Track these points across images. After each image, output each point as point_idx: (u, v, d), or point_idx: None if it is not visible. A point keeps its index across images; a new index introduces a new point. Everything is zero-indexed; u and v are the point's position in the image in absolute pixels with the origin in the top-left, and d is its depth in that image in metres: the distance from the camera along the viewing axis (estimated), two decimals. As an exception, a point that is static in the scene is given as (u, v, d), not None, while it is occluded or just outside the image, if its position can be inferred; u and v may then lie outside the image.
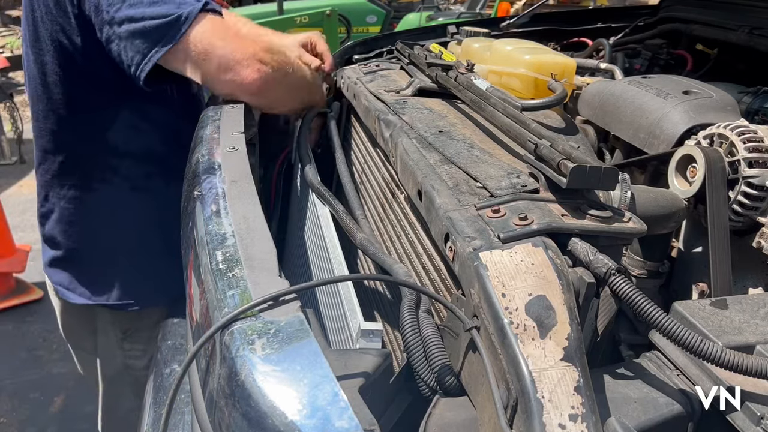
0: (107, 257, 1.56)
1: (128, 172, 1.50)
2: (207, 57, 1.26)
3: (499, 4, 8.97)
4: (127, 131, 1.47)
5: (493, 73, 1.41)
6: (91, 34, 1.32)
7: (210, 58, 1.26)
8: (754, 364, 0.66)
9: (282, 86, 1.37)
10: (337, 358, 0.74)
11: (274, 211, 1.73)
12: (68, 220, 1.53)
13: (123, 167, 1.50)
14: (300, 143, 1.48)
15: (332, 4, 5.59)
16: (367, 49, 1.98)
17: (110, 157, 1.48)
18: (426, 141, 1.08)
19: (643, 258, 1.08)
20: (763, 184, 1.02)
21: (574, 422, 0.62)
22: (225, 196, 0.95)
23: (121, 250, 1.55)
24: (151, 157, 1.52)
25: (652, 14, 2.10)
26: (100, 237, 1.54)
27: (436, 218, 0.88)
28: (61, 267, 1.59)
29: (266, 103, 1.41)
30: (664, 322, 0.69)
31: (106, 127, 1.46)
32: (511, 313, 0.70)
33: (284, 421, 0.56)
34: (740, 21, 1.69)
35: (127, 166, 1.50)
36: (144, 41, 1.24)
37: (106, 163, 1.49)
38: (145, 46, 1.24)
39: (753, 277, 1.09)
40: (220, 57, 1.26)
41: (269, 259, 0.78)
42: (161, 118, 1.51)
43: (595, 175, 0.83)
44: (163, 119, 1.51)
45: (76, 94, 1.43)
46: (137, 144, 1.49)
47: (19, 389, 2.86)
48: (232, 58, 1.26)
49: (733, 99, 1.26)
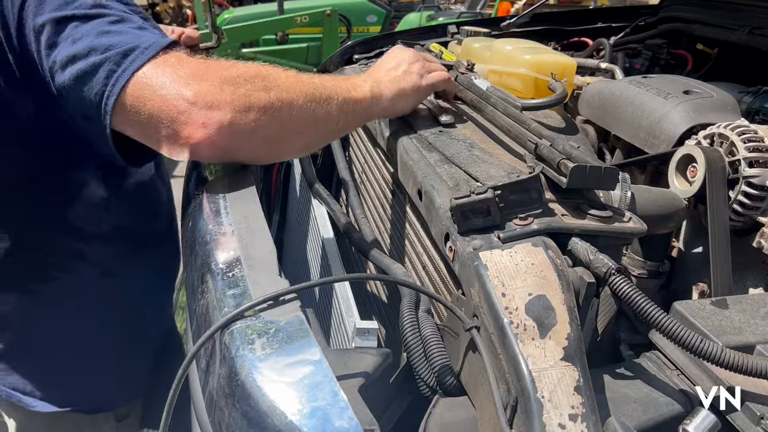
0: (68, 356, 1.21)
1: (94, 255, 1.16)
2: (141, 113, 0.86)
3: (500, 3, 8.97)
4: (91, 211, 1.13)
5: (494, 73, 1.41)
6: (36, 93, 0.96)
7: (145, 114, 0.86)
8: (754, 364, 0.66)
9: (267, 128, 0.89)
10: (336, 358, 0.74)
11: (274, 211, 1.73)
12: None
13: (89, 252, 1.16)
14: None
15: (332, 4, 5.59)
16: (367, 49, 1.97)
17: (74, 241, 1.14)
18: (426, 141, 1.08)
19: (643, 258, 1.08)
20: (763, 184, 1.02)
21: (574, 422, 0.63)
22: (225, 196, 0.96)
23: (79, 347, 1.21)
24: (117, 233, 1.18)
25: (652, 14, 2.10)
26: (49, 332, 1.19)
27: (436, 218, 0.88)
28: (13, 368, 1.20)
29: (253, 158, 0.98)
30: (664, 322, 0.69)
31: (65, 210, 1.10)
32: (511, 312, 0.70)
33: (284, 421, 0.56)
34: (740, 21, 1.69)
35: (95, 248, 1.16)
36: (92, 87, 0.87)
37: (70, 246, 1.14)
38: (94, 92, 0.87)
39: (753, 277, 1.09)
40: (151, 113, 0.85)
41: (269, 258, 0.78)
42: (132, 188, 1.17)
43: (595, 175, 0.83)
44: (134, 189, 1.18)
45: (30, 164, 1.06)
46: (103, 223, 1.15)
47: (19, 389, 2.86)
48: (166, 114, 0.84)
49: (733, 99, 1.26)
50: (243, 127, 0.86)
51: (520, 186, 0.83)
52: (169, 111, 0.85)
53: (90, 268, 1.16)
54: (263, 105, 0.87)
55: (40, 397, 1.22)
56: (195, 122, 0.84)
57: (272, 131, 0.90)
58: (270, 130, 0.90)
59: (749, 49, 1.66)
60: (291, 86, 0.93)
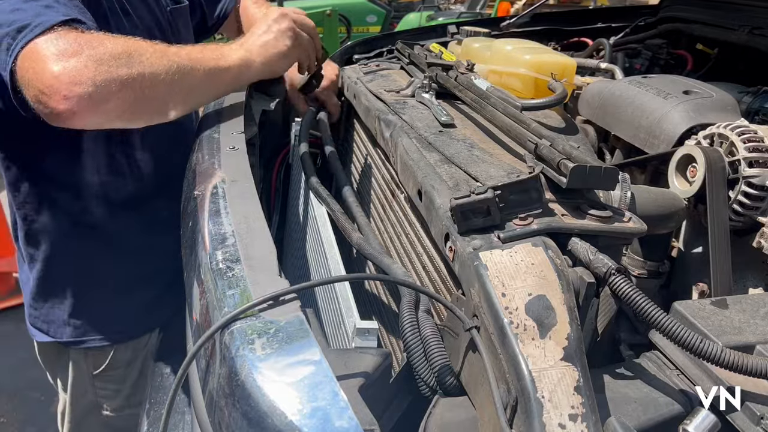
0: (61, 291, 1.40)
1: (70, 204, 1.33)
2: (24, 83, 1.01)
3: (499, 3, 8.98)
4: (61, 161, 1.29)
5: (494, 73, 1.41)
6: None
7: (25, 84, 1.00)
8: (754, 364, 0.66)
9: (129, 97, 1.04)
10: (336, 358, 0.74)
11: (274, 211, 1.73)
12: (25, 250, 1.40)
13: (62, 199, 1.33)
14: (299, 142, 1.46)
15: (332, 4, 5.59)
16: (367, 49, 1.97)
17: (50, 188, 1.32)
18: (426, 141, 1.08)
19: (643, 258, 1.08)
20: (763, 184, 1.02)
21: (574, 422, 0.63)
22: (225, 196, 0.96)
23: (73, 284, 1.40)
24: (88, 188, 1.33)
25: (652, 14, 2.10)
26: (52, 270, 1.39)
27: (436, 218, 0.88)
28: (25, 300, 1.47)
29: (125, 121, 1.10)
30: (664, 322, 0.69)
31: (39, 157, 1.28)
32: (511, 312, 0.70)
33: (284, 421, 0.56)
34: (740, 21, 1.69)
35: (66, 198, 1.33)
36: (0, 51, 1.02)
37: (47, 195, 1.33)
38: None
39: (753, 277, 1.09)
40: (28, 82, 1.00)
41: (269, 258, 0.78)
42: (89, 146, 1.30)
43: (595, 175, 0.83)
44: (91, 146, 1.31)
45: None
46: (73, 175, 1.31)
47: (19, 389, 2.86)
48: (36, 86, 0.99)
49: (733, 99, 1.26)
50: (102, 98, 1.01)
51: (520, 186, 0.83)
52: (39, 84, 0.99)
53: (63, 215, 1.33)
54: (123, 79, 1.02)
55: (40, 328, 1.44)
56: (58, 94, 0.98)
57: (132, 101, 1.05)
58: (129, 100, 1.04)
59: (749, 49, 1.66)
60: (155, 61, 1.07)
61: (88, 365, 1.47)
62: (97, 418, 1.54)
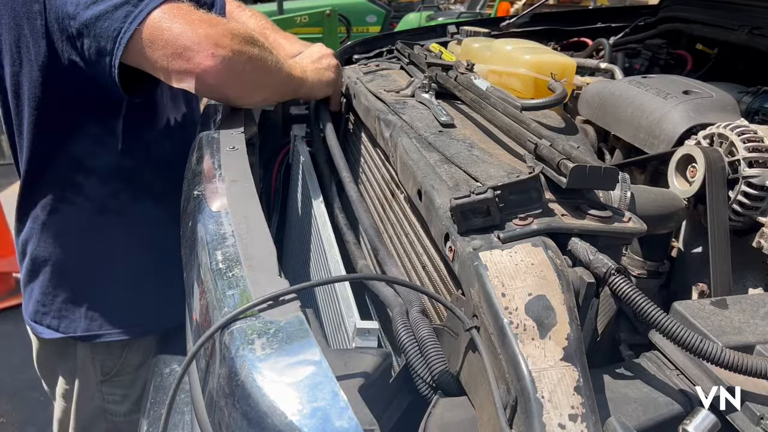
0: (77, 284, 1.41)
1: (93, 190, 1.36)
2: (157, 43, 1.09)
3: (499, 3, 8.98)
4: (92, 146, 1.33)
5: (493, 73, 1.41)
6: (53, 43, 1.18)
7: (161, 44, 1.09)
8: (754, 364, 0.66)
9: (249, 74, 1.18)
10: (336, 358, 0.74)
11: (274, 211, 1.73)
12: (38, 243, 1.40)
13: (87, 186, 1.35)
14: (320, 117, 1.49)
15: (332, 4, 5.59)
16: (367, 49, 1.97)
17: (74, 174, 1.34)
18: (426, 141, 1.08)
19: (643, 258, 1.08)
20: (763, 184, 1.02)
21: (573, 422, 0.63)
22: (225, 196, 0.95)
23: (90, 276, 1.41)
24: (118, 174, 1.37)
25: (652, 14, 2.10)
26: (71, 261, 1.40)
27: (436, 218, 0.88)
28: (30, 297, 1.46)
29: (234, 96, 1.23)
30: (664, 322, 0.69)
31: (68, 141, 1.32)
32: (510, 313, 0.70)
33: (284, 421, 0.56)
34: (740, 21, 1.69)
35: (91, 184, 1.35)
36: (111, 24, 1.09)
37: (71, 181, 1.35)
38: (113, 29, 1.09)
39: (753, 277, 1.10)
40: (167, 41, 1.09)
41: (269, 258, 0.78)
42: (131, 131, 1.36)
43: (595, 175, 0.83)
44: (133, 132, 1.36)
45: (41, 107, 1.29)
46: (102, 160, 1.35)
47: (19, 389, 2.86)
48: (182, 43, 1.09)
49: (733, 99, 1.26)
50: (237, 66, 1.13)
51: (520, 186, 0.83)
52: (184, 41, 1.09)
53: (87, 202, 1.35)
54: (252, 56, 1.16)
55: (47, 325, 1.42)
56: (206, 52, 1.09)
57: (252, 77, 1.19)
58: (251, 76, 1.18)
59: (749, 49, 1.66)
60: (266, 49, 1.21)
61: (96, 369, 1.46)
62: (104, 425, 1.52)
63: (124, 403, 1.52)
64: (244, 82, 1.18)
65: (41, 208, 1.36)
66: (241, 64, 1.14)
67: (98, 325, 1.41)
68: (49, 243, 1.38)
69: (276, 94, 1.33)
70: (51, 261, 1.39)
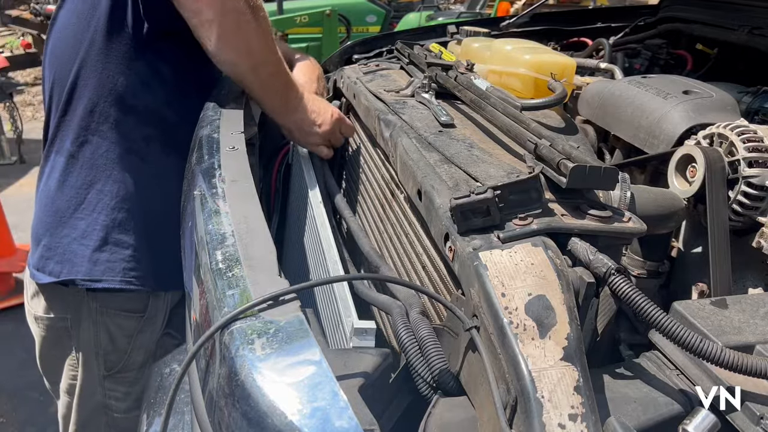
0: (87, 225, 1.37)
1: (129, 130, 1.37)
2: None
3: (499, 3, 8.97)
4: (138, 85, 1.36)
5: (493, 73, 1.41)
6: None
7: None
8: (754, 364, 0.66)
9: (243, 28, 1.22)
10: (336, 358, 0.74)
11: (274, 211, 1.73)
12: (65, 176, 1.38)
13: (124, 124, 1.36)
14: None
15: (332, 4, 5.59)
16: (367, 49, 1.98)
17: (114, 109, 1.35)
18: (426, 141, 1.08)
19: (643, 258, 1.08)
20: (763, 184, 1.02)
21: (573, 422, 0.63)
22: (225, 196, 0.95)
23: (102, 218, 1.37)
24: (156, 122, 1.39)
25: (652, 14, 2.10)
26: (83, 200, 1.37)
27: (436, 218, 0.88)
28: (38, 245, 1.41)
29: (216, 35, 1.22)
30: (663, 321, 0.69)
31: (119, 76, 1.34)
32: (510, 312, 0.70)
33: (284, 421, 0.56)
34: (740, 21, 1.69)
35: (129, 122, 1.36)
36: None
37: (109, 114, 1.35)
38: None
39: (753, 277, 1.09)
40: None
41: (269, 258, 0.78)
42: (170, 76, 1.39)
43: (595, 175, 0.83)
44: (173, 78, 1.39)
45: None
46: (144, 101, 1.37)
47: (19, 389, 2.86)
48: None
49: (733, 99, 1.26)
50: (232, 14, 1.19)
51: (520, 186, 0.83)
52: None
53: (120, 138, 1.35)
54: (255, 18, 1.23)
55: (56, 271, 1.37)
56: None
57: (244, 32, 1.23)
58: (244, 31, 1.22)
59: (749, 49, 1.66)
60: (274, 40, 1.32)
61: (99, 363, 1.45)
62: (104, 419, 1.53)
63: (126, 400, 1.52)
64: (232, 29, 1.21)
65: (72, 141, 1.36)
66: (238, 13, 1.19)
67: (101, 271, 1.36)
68: (73, 176, 1.37)
69: (255, 74, 1.30)
70: (69, 197, 1.37)
